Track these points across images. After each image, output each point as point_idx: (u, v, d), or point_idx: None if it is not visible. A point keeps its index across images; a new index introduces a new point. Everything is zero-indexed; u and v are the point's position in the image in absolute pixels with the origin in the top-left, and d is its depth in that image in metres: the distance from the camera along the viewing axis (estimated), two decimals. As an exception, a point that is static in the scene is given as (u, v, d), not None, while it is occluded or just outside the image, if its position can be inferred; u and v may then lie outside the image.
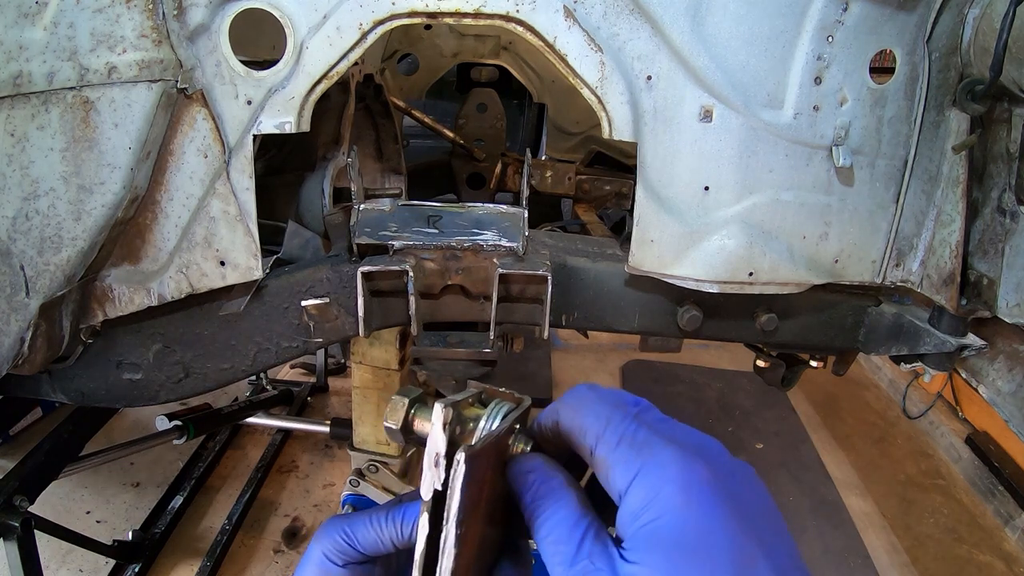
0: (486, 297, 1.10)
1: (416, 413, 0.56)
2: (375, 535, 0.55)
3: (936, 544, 2.57)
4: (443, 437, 0.50)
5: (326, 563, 0.54)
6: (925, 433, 3.24)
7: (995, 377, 1.07)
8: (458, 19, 0.91)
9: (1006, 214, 0.96)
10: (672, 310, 1.15)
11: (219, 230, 0.95)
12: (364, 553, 0.55)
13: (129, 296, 0.96)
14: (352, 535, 0.55)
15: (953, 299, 1.01)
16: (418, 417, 0.56)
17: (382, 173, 1.74)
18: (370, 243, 1.06)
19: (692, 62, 0.92)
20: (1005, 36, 0.82)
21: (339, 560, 0.54)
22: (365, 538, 0.55)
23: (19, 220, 0.85)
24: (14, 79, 0.79)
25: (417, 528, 0.48)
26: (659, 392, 3.39)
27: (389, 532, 0.55)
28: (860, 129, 0.98)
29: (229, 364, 1.08)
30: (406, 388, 0.58)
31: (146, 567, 2.12)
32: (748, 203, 0.99)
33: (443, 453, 0.49)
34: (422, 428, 0.56)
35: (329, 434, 2.64)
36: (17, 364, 0.89)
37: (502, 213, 1.08)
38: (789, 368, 1.47)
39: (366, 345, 1.80)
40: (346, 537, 0.55)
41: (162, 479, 2.53)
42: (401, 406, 0.55)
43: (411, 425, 0.55)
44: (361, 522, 0.55)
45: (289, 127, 0.92)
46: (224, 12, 0.87)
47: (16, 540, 1.60)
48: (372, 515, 0.56)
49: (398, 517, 0.55)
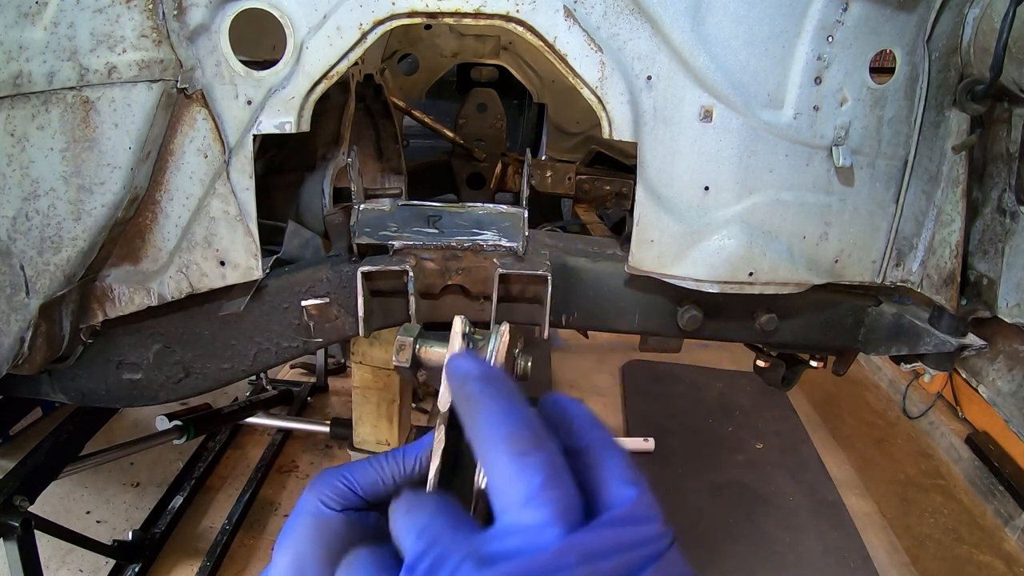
0: (486, 297, 1.10)
1: (422, 346, 0.58)
2: (375, 473, 0.53)
3: (936, 544, 2.57)
4: (463, 345, 0.53)
5: (322, 510, 0.51)
6: (925, 433, 3.24)
7: (995, 377, 1.07)
8: (458, 19, 0.91)
9: (1006, 214, 0.96)
10: (672, 310, 1.15)
11: (219, 230, 0.95)
12: (363, 497, 0.52)
13: (129, 296, 0.96)
14: (351, 477, 0.52)
15: (953, 299, 1.01)
16: (425, 348, 0.58)
17: (382, 173, 1.74)
18: (370, 243, 1.06)
19: (692, 62, 0.92)
20: (1005, 36, 0.82)
21: (337, 505, 0.51)
22: (364, 478, 0.52)
23: (19, 220, 0.85)
24: (14, 79, 0.79)
25: (427, 460, 0.48)
26: (659, 392, 3.39)
27: (391, 468, 0.53)
28: (860, 129, 0.98)
29: (229, 364, 1.08)
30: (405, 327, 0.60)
31: (146, 567, 2.12)
32: (748, 203, 0.99)
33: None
34: (430, 357, 0.58)
35: (329, 434, 2.64)
36: (17, 364, 0.89)
37: (502, 213, 1.08)
38: (789, 368, 1.47)
39: (366, 345, 1.80)
40: (345, 480, 0.52)
41: (162, 479, 2.53)
42: (408, 344, 0.57)
43: (420, 359, 0.58)
44: (359, 465, 0.54)
45: (289, 127, 0.92)
46: (224, 12, 0.87)
47: (16, 540, 1.60)
48: (371, 459, 0.54)
49: (399, 455, 0.54)
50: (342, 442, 2.58)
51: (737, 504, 2.63)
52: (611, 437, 0.45)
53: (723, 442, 2.98)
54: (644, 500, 0.40)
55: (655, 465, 2.80)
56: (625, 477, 0.41)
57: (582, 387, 3.41)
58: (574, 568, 0.35)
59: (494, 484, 0.40)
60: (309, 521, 0.51)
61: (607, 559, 0.36)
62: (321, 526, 0.51)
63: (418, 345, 0.58)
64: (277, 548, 0.52)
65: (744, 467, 2.85)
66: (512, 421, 0.41)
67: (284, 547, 0.51)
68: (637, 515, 0.39)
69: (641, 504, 0.40)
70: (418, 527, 0.40)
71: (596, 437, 0.44)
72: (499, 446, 0.40)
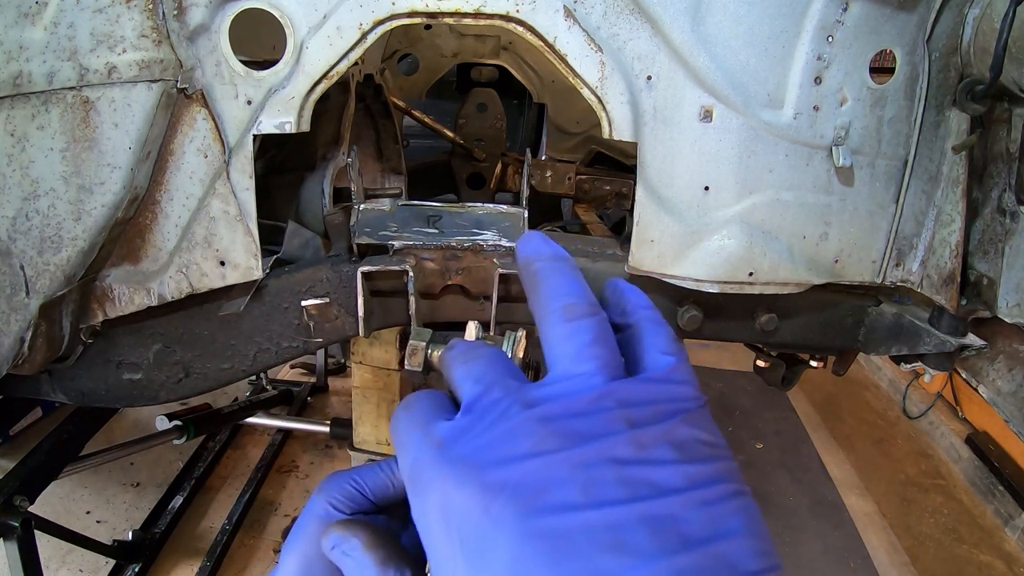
0: (486, 297, 1.10)
1: (434, 351, 0.58)
2: (386, 477, 0.53)
3: (936, 544, 2.57)
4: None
5: (332, 513, 0.51)
6: (925, 433, 3.24)
7: (995, 377, 1.07)
8: (458, 19, 0.91)
9: (1006, 214, 0.96)
10: (672, 310, 1.15)
11: (219, 230, 0.95)
12: (372, 501, 0.53)
13: (129, 296, 0.96)
14: (360, 481, 0.53)
15: (953, 299, 1.01)
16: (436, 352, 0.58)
17: (382, 173, 1.74)
18: (370, 243, 1.06)
19: (692, 62, 0.92)
20: (1005, 36, 0.82)
21: (346, 509, 0.52)
22: (374, 481, 0.53)
23: (19, 220, 0.85)
24: (14, 79, 0.79)
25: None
26: (659, 392, 3.38)
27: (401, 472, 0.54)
28: (860, 129, 0.98)
29: (229, 364, 1.08)
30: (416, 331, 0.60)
31: (146, 567, 2.12)
32: (748, 203, 0.99)
33: None
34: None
35: (329, 434, 2.64)
36: (17, 364, 0.89)
37: (502, 213, 1.08)
38: (789, 368, 1.47)
39: (366, 345, 1.80)
40: (354, 483, 0.52)
41: (162, 479, 2.53)
42: (420, 348, 0.58)
43: (432, 363, 0.58)
44: (369, 469, 0.54)
45: (289, 127, 0.92)
46: (224, 12, 0.87)
47: (16, 540, 1.60)
48: (380, 463, 0.55)
49: None
50: (342, 442, 2.59)
51: (737, 504, 2.62)
52: (659, 315, 0.49)
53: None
54: (681, 367, 0.45)
55: (655, 465, 2.80)
56: (666, 348, 0.46)
57: (582, 387, 3.41)
58: (611, 411, 0.39)
59: (549, 346, 0.44)
60: (318, 524, 0.51)
61: (641, 408, 0.40)
62: None
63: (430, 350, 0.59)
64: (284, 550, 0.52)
65: (744, 467, 2.83)
66: (570, 292, 0.45)
67: (292, 549, 0.51)
68: (673, 378, 0.44)
69: (678, 369, 0.44)
70: (475, 374, 0.44)
71: (645, 315, 0.48)
72: (556, 311, 0.44)
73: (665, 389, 0.42)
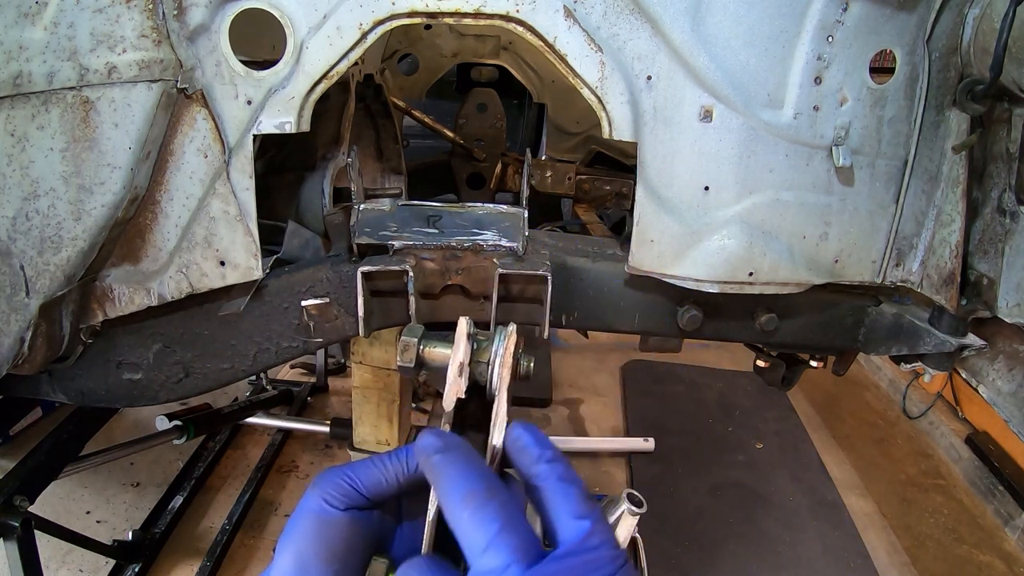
0: (486, 297, 1.10)
1: (426, 347, 0.59)
2: (379, 473, 0.54)
3: (936, 544, 2.57)
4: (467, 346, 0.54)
5: (326, 508, 0.52)
6: (925, 433, 3.24)
7: (995, 377, 1.07)
8: (458, 19, 0.91)
9: (1006, 214, 0.96)
10: (672, 310, 1.15)
11: (219, 230, 0.95)
12: (366, 496, 0.53)
13: (129, 296, 0.96)
14: (354, 476, 0.53)
15: (953, 299, 1.01)
16: (428, 349, 0.59)
17: (382, 173, 1.74)
18: (370, 243, 1.06)
19: (692, 62, 0.92)
20: (1005, 36, 0.82)
21: (341, 504, 0.52)
22: (368, 478, 0.54)
23: (19, 220, 0.85)
24: (14, 79, 0.79)
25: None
26: (659, 392, 3.39)
27: (394, 467, 0.54)
28: (860, 129, 0.98)
29: (229, 364, 1.08)
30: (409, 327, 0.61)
31: (146, 567, 2.12)
32: (748, 203, 0.99)
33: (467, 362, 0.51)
34: (434, 358, 0.60)
35: (329, 434, 2.64)
36: (17, 364, 0.89)
37: (502, 213, 1.08)
38: (789, 368, 1.47)
39: (366, 345, 1.80)
40: (348, 479, 0.53)
41: (162, 479, 2.53)
42: (412, 344, 0.59)
43: (423, 359, 0.59)
44: (363, 465, 0.55)
45: (289, 127, 0.92)
46: (224, 12, 0.87)
47: (16, 540, 1.60)
48: (373, 458, 0.55)
49: (401, 454, 0.55)
50: (342, 442, 2.58)
51: (737, 504, 2.63)
52: (565, 468, 0.50)
53: (723, 442, 2.98)
54: (596, 530, 0.46)
55: (655, 465, 2.80)
56: (577, 511, 0.47)
57: (582, 387, 3.41)
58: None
59: (461, 538, 0.46)
60: (312, 519, 0.52)
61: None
62: (324, 525, 0.52)
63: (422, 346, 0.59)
64: (279, 546, 0.52)
65: (744, 467, 2.85)
66: (469, 480, 0.47)
67: (287, 545, 0.51)
68: (589, 545, 0.45)
69: (594, 534, 0.46)
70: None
71: (553, 472, 0.50)
72: (459, 504, 0.46)
73: (583, 562, 0.44)
